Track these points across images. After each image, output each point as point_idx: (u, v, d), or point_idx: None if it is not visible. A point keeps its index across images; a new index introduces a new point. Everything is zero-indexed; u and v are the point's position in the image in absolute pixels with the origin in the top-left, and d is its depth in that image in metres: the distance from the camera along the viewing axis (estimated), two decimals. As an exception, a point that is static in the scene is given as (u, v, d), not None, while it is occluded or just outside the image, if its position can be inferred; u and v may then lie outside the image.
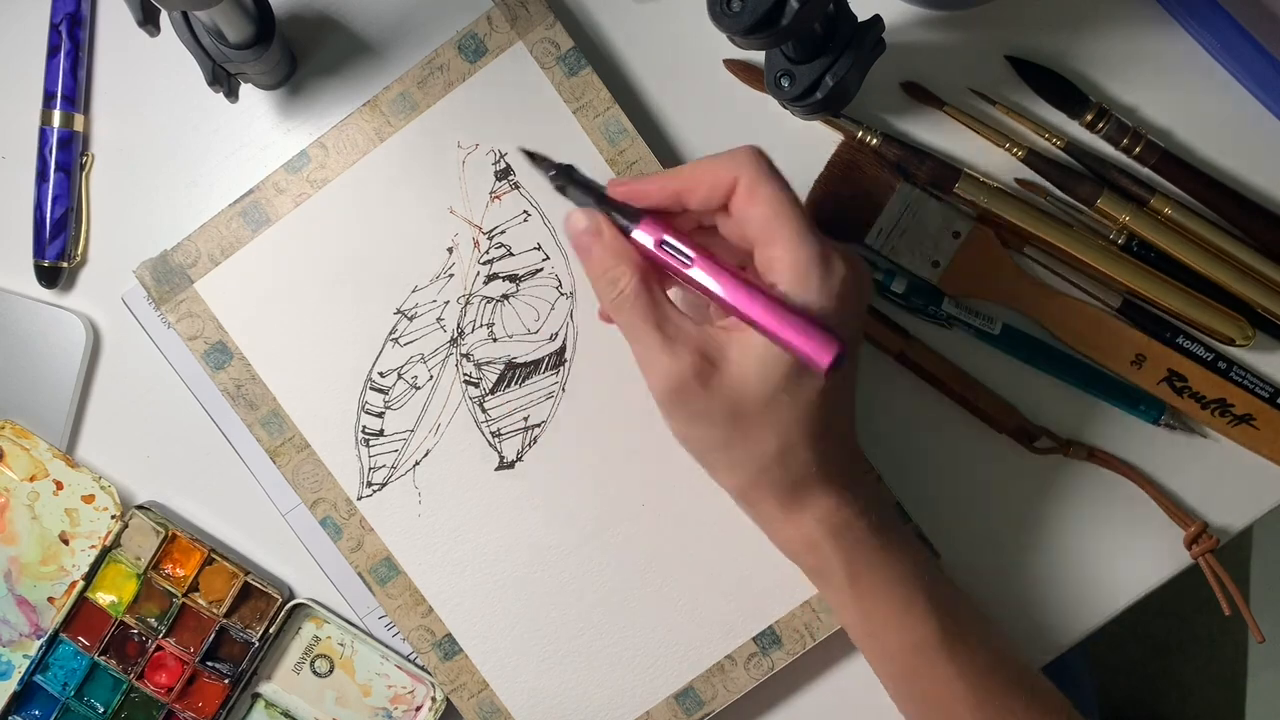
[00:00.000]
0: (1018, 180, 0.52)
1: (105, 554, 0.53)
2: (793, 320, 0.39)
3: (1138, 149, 0.51)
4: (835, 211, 0.52)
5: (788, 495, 0.44)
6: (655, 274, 0.43)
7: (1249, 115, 0.52)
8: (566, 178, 0.43)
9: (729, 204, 0.42)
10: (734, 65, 0.52)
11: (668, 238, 0.42)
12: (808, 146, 0.52)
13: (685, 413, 0.43)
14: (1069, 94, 0.51)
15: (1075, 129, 0.52)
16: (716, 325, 0.43)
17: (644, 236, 0.42)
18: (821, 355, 0.39)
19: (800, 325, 0.39)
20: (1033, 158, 0.51)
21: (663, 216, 0.43)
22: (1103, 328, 0.52)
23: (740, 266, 0.42)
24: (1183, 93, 0.52)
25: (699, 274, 0.41)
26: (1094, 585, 0.53)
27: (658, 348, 0.42)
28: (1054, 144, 0.51)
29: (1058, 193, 0.52)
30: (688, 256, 0.41)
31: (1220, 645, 1.25)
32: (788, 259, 0.41)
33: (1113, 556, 0.53)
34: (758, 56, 0.52)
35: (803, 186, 0.52)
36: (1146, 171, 0.52)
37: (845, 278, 0.41)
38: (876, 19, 0.46)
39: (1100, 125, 0.51)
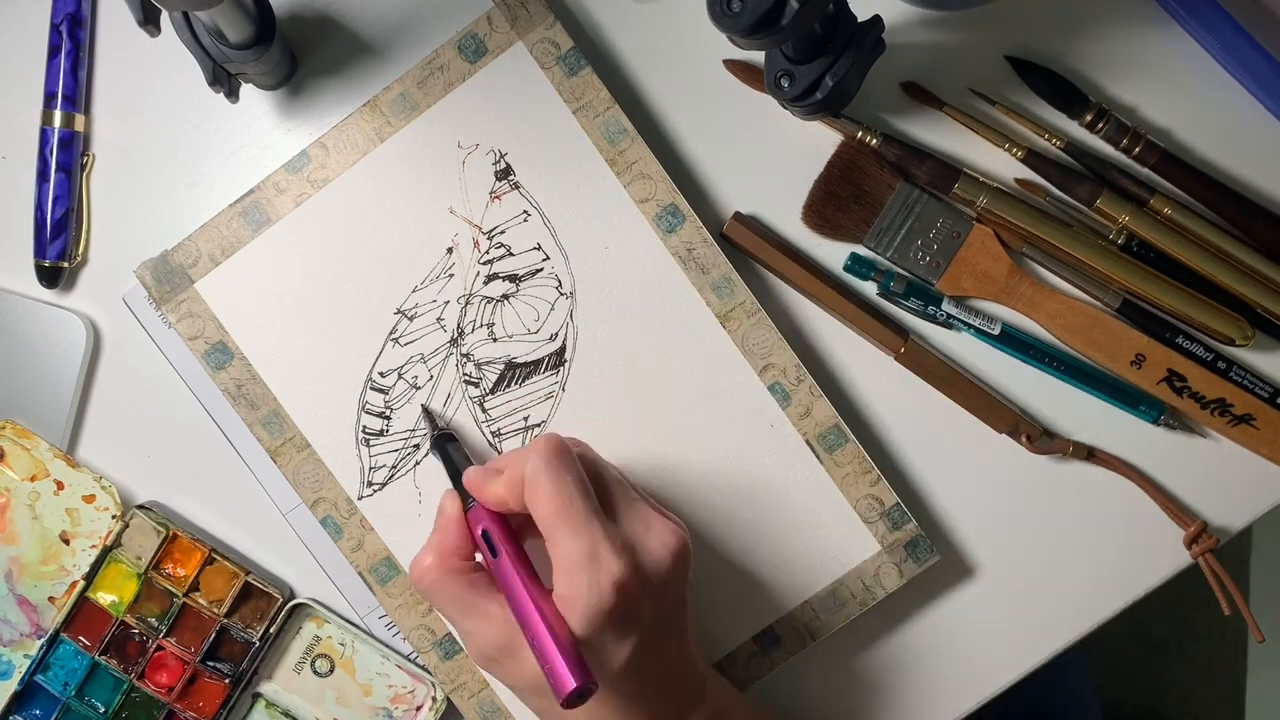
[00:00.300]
0: (1017, 180, 0.52)
1: (106, 554, 0.53)
2: (547, 645, 0.41)
3: (1137, 149, 0.51)
4: (835, 213, 0.52)
5: None
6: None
7: (1249, 115, 0.52)
8: (438, 447, 0.49)
9: (527, 504, 0.44)
10: (734, 65, 0.52)
11: (484, 529, 0.45)
12: (808, 146, 0.52)
13: (502, 681, 0.46)
14: (1069, 94, 0.51)
15: (1075, 129, 0.52)
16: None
17: (474, 522, 0.46)
18: (562, 686, 0.40)
19: (554, 654, 0.41)
20: (1032, 158, 0.51)
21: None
22: (1102, 328, 0.52)
23: None
24: (1182, 93, 0.52)
25: (499, 574, 0.44)
26: (1094, 585, 0.53)
27: (463, 630, 0.45)
28: (1054, 144, 0.52)
29: (1057, 193, 0.52)
30: (494, 552, 0.45)
31: (1220, 645, 1.25)
32: (557, 559, 0.43)
33: (1113, 556, 0.53)
34: (758, 56, 0.52)
35: (803, 186, 0.52)
36: (1146, 172, 0.52)
37: (616, 575, 0.42)
38: (876, 19, 0.46)
39: (1100, 125, 0.51)
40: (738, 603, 0.51)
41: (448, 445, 0.49)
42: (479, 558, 0.46)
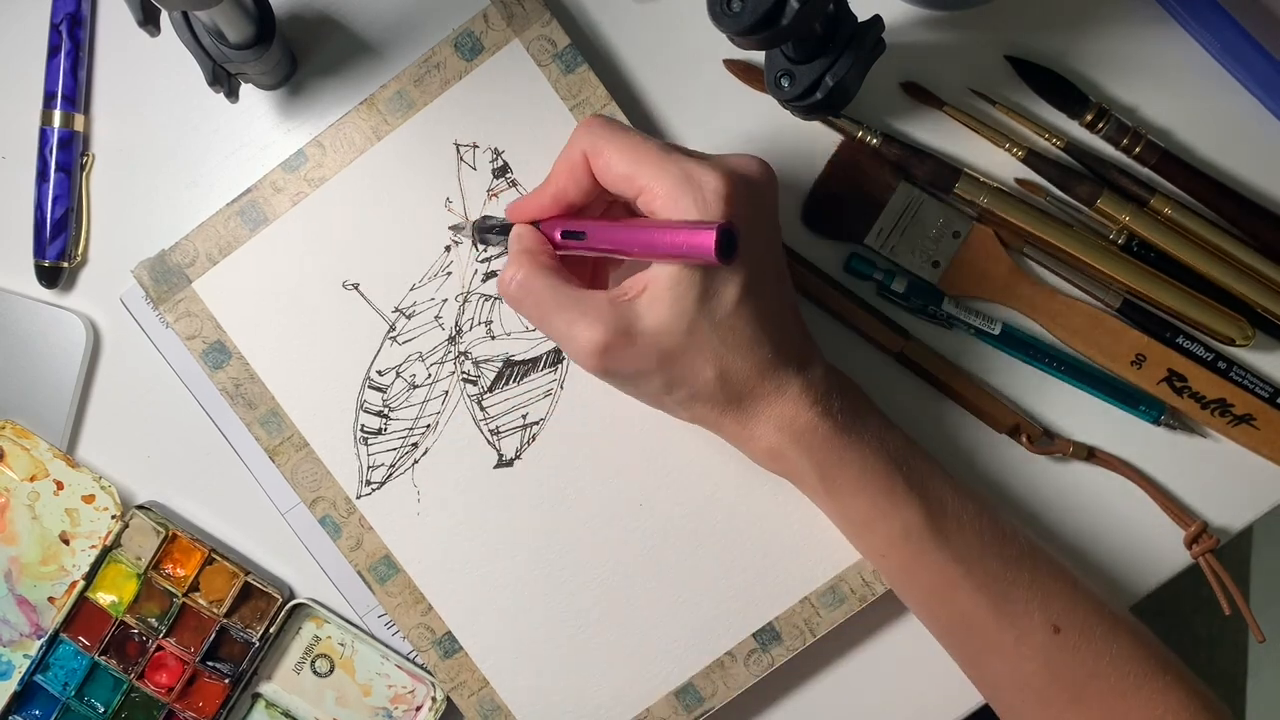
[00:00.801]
0: (1017, 180, 0.52)
1: (106, 554, 0.53)
2: (673, 230, 0.40)
3: (1138, 149, 0.51)
4: (835, 211, 0.52)
5: (738, 410, 0.45)
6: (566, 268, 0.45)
7: (1249, 115, 0.52)
8: (480, 227, 0.48)
9: (598, 177, 0.44)
10: (734, 65, 0.52)
11: (561, 230, 0.44)
12: (808, 146, 0.52)
13: (620, 375, 0.44)
14: (1069, 94, 0.51)
15: (1075, 129, 0.52)
16: (627, 296, 0.43)
17: (549, 233, 0.45)
18: (704, 242, 0.39)
19: (680, 230, 0.40)
20: (1033, 158, 0.51)
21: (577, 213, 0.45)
22: (1102, 327, 0.52)
23: None
24: (1182, 93, 0.52)
25: (598, 241, 0.43)
26: (1094, 585, 0.53)
27: (570, 324, 0.43)
28: (1054, 144, 0.51)
29: (1057, 193, 0.52)
30: (581, 234, 0.43)
31: (1220, 645, 1.25)
32: (655, 196, 0.42)
33: (1113, 556, 0.53)
34: (758, 56, 0.52)
35: (803, 187, 0.52)
36: (1146, 172, 0.52)
37: (718, 189, 0.41)
38: (876, 19, 0.46)
39: (1100, 125, 0.51)
40: (738, 598, 0.51)
41: (488, 221, 0.49)
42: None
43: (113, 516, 0.53)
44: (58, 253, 0.53)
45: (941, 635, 0.48)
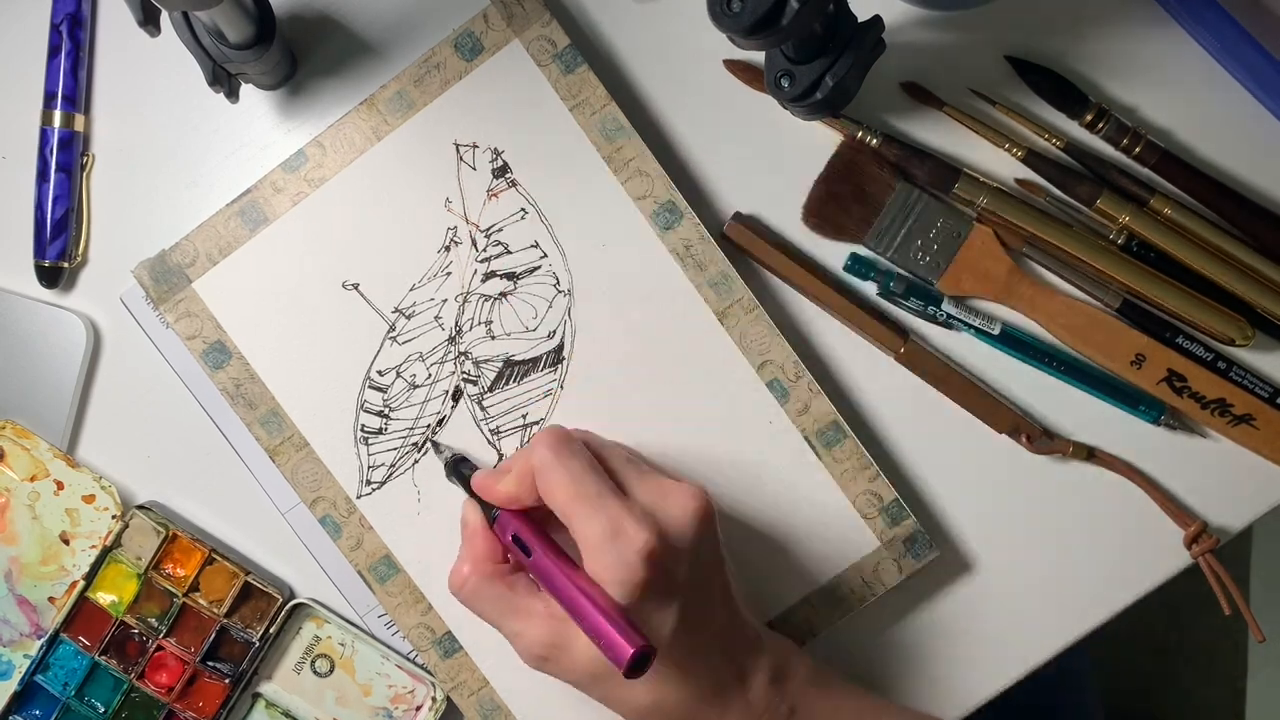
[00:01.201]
0: (1017, 180, 0.52)
1: (106, 554, 0.53)
2: (601, 617, 0.41)
3: (1137, 149, 0.51)
4: (835, 212, 0.52)
5: None
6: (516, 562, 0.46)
7: (1249, 115, 0.52)
8: (454, 471, 0.49)
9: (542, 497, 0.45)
10: (734, 66, 0.52)
11: (514, 533, 0.45)
12: (808, 147, 0.52)
13: (558, 677, 0.45)
14: (1069, 94, 0.51)
15: (1075, 129, 0.52)
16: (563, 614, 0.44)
17: (502, 530, 0.46)
18: (620, 654, 0.40)
19: (607, 623, 0.41)
20: (1032, 158, 0.51)
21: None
22: (1102, 327, 0.52)
23: None
24: (1183, 93, 0.52)
25: (538, 570, 0.44)
26: (1094, 585, 0.53)
27: (515, 633, 0.45)
28: (1054, 144, 0.51)
29: (1057, 193, 0.52)
30: (527, 551, 0.45)
31: (1220, 645, 1.25)
32: (581, 541, 0.43)
33: (1113, 556, 0.53)
34: (758, 57, 0.52)
35: (803, 186, 0.52)
36: (1146, 172, 0.52)
37: (643, 545, 0.42)
38: (876, 19, 0.46)
39: (1100, 125, 0.51)
40: (737, 598, 0.51)
41: (461, 467, 0.50)
42: (511, 562, 0.47)
43: (113, 516, 0.53)
44: (58, 253, 0.53)
45: None
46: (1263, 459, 0.52)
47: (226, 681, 0.53)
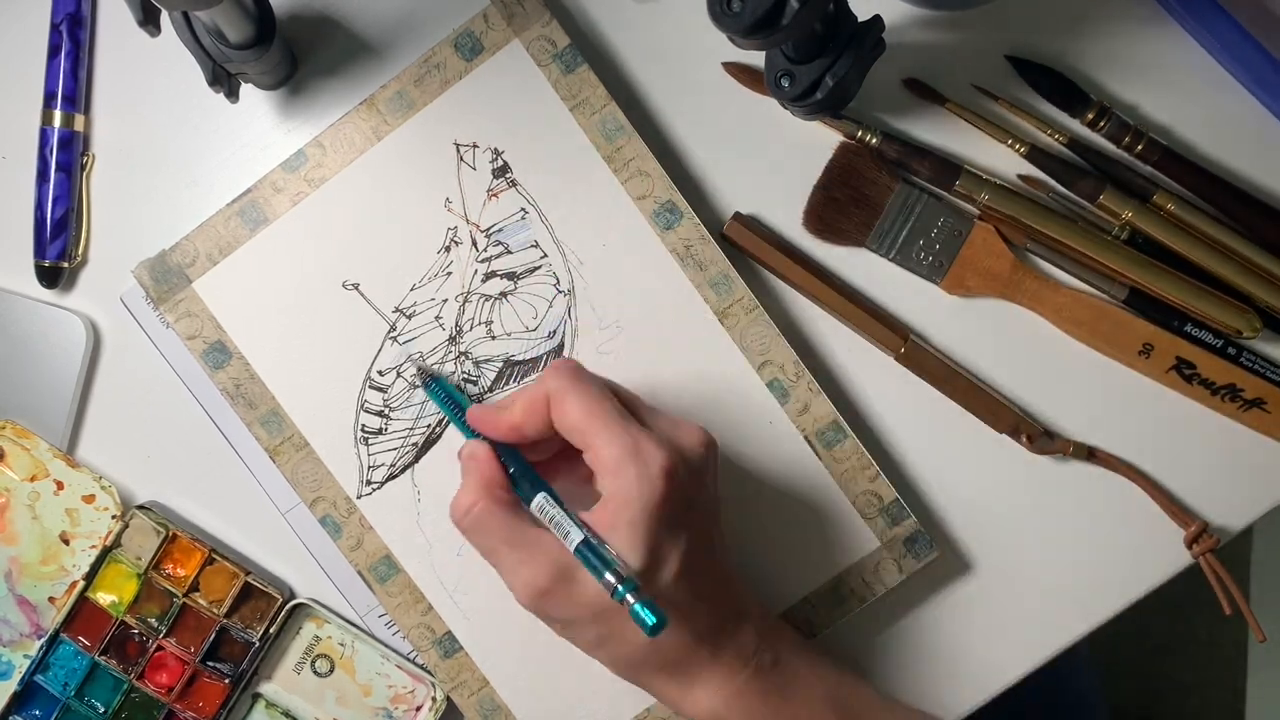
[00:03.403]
0: (1020, 176, 0.52)
1: (106, 554, 0.53)
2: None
3: (1139, 147, 0.51)
4: (835, 217, 0.52)
5: (672, 675, 0.45)
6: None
7: (1249, 115, 0.52)
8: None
9: (554, 422, 0.44)
10: (733, 68, 0.52)
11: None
12: (807, 147, 0.52)
13: (554, 619, 0.45)
14: (1070, 93, 0.51)
15: (1077, 128, 0.52)
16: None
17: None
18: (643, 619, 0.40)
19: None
20: (1035, 154, 0.51)
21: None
22: (1108, 319, 0.51)
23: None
24: (1183, 92, 0.52)
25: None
26: (1094, 585, 0.53)
27: (512, 563, 0.44)
28: (1056, 139, 0.51)
29: (1060, 189, 0.52)
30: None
31: (1220, 645, 1.25)
32: (601, 461, 0.43)
33: (1113, 556, 0.53)
34: (757, 58, 0.52)
35: (802, 189, 0.52)
36: (1148, 169, 0.52)
37: (663, 463, 0.42)
38: (876, 19, 0.46)
39: (1101, 124, 0.51)
40: (737, 602, 0.51)
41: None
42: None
43: (113, 516, 0.53)
44: (58, 253, 0.53)
45: None
46: (1262, 460, 0.52)
47: (226, 681, 0.53)
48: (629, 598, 0.41)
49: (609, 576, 0.41)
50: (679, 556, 0.43)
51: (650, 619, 0.40)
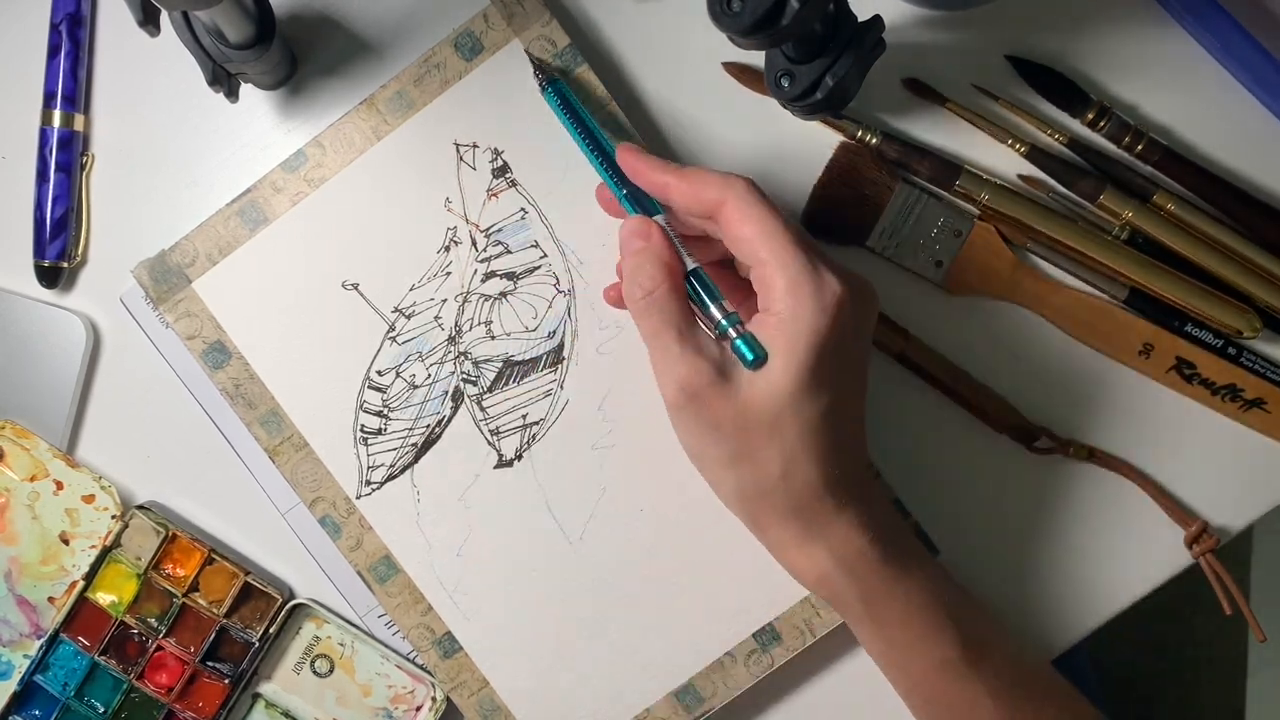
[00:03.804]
0: (1020, 176, 0.52)
1: (105, 554, 0.53)
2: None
3: (1139, 147, 0.51)
4: (835, 216, 0.52)
5: (794, 520, 0.44)
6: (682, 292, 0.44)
7: (1249, 115, 0.52)
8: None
9: (723, 225, 0.43)
10: (733, 68, 0.52)
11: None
12: (807, 147, 0.52)
13: (695, 422, 0.43)
14: (1070, 93, 0.51)
15: (1077, 128, 0.52)
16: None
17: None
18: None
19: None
20: (1035, 154, 0.51)
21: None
22: (1108, 318, 0.51)
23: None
24: (1183, 92, 0.52)
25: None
26: (1094, 585, 0.53)
27: (677, 353, 0.43)
28: (1056, 139, 0.51)
29: (1060, 188, 0.52)
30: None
31: (1220, 645, 1.24)
32: (779, 276, 0.42)
33: (1113, 556, 0.53)
34: (757, 59, 0.52)
35: (802, 189, 0.52)
36: (1148, 169, 0.52)
37: (839, 293, 0.42)
38: (876, 19, 0.46)
39: (1102, 124, 0.51)
40: (737, 599, 0.51)
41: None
42: None
43: (113, 516, 0.53)
44: (58, 253, 0.53)
45: None
46: (1261, 461, 0.52)
47: (226, 681, 0.53)
48: (731, 331, 0.41)
49: (714, 311, 0.42)
50: (829, 393, 0.42)
51: (749, 355, 0.41)
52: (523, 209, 0.51)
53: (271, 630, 0.53)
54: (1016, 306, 0.52)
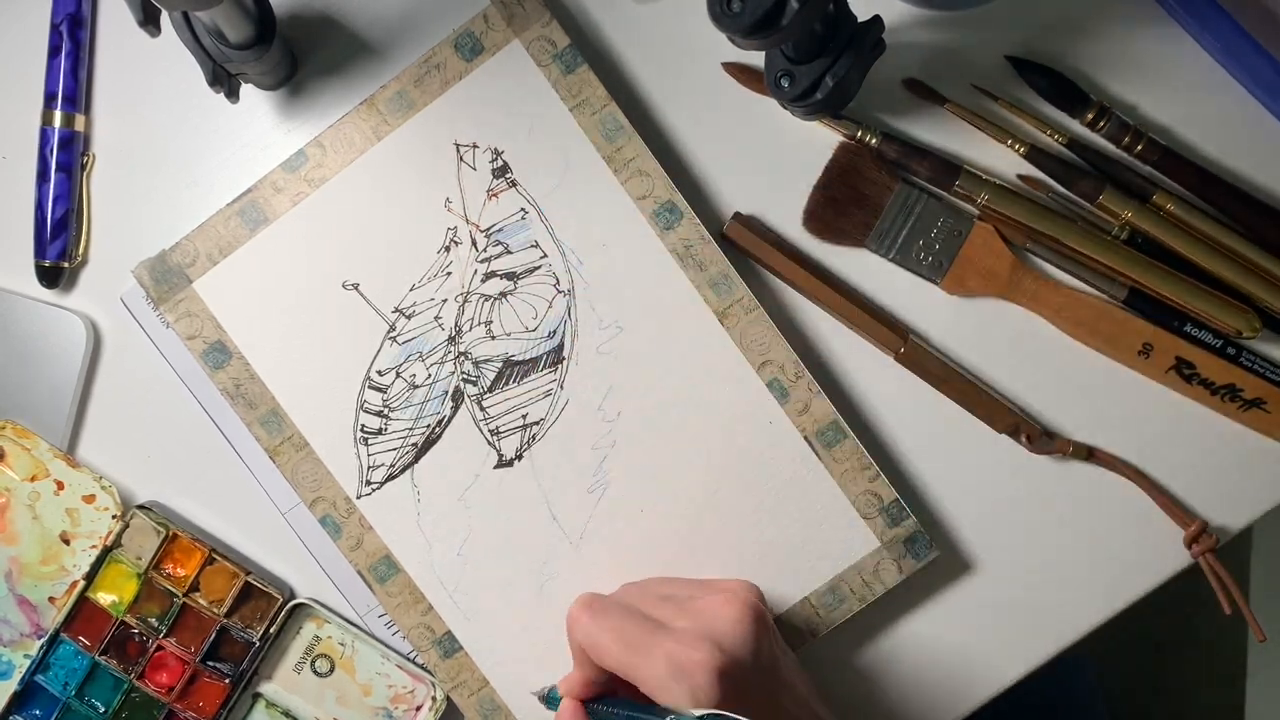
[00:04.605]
0: (1020, 176, 0.52)
1: (106, 554, 0.53)
2: None
3: (1139, 147, 0.51)
4: (835, 217, 0.52)
5: None
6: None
7: (1249, 115, 0.52)
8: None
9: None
10: (733, 68, 0.52)
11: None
12: (808, 146, 0.52)
13: None
14: (1070, 93, 0.51)
15: (1077, 128, 0.52)
16: None
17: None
18: None
19: None
20: (1035, 154, 0.51)
21: None
22: (1108, 319, 0.51)
23: None
24: (1183, 93, 0.52)
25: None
26: (1094, 585, 0.53)
27: None
28: (1056, 140, 0.51)
29: (1060, 189, 0.52)
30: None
31: (1220, 645, 1.24)
32: (649, 685, 0.43)
33: (1113, 556, 0.53)
34: (757, 59, 0.52)
35: (803, 187, 0.52)
36: (1148, 169, 0.52)
37: (707, 664, 0.42)
38: (876, 19, 0.46)
39: (1101, 124, 0.51)
40: (737, 602, 0.51)
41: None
42: None
43: (113, 516, 0.53)
44: (58, 253, 0.53)
45: None
46: (1261, 461, 0.52)
47: (226, 681, 0.53)
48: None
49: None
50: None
51: None
52: (523, 209, 0.51)
53: (272, 630, 0.53)
54: (1016, 306, 0.52)
